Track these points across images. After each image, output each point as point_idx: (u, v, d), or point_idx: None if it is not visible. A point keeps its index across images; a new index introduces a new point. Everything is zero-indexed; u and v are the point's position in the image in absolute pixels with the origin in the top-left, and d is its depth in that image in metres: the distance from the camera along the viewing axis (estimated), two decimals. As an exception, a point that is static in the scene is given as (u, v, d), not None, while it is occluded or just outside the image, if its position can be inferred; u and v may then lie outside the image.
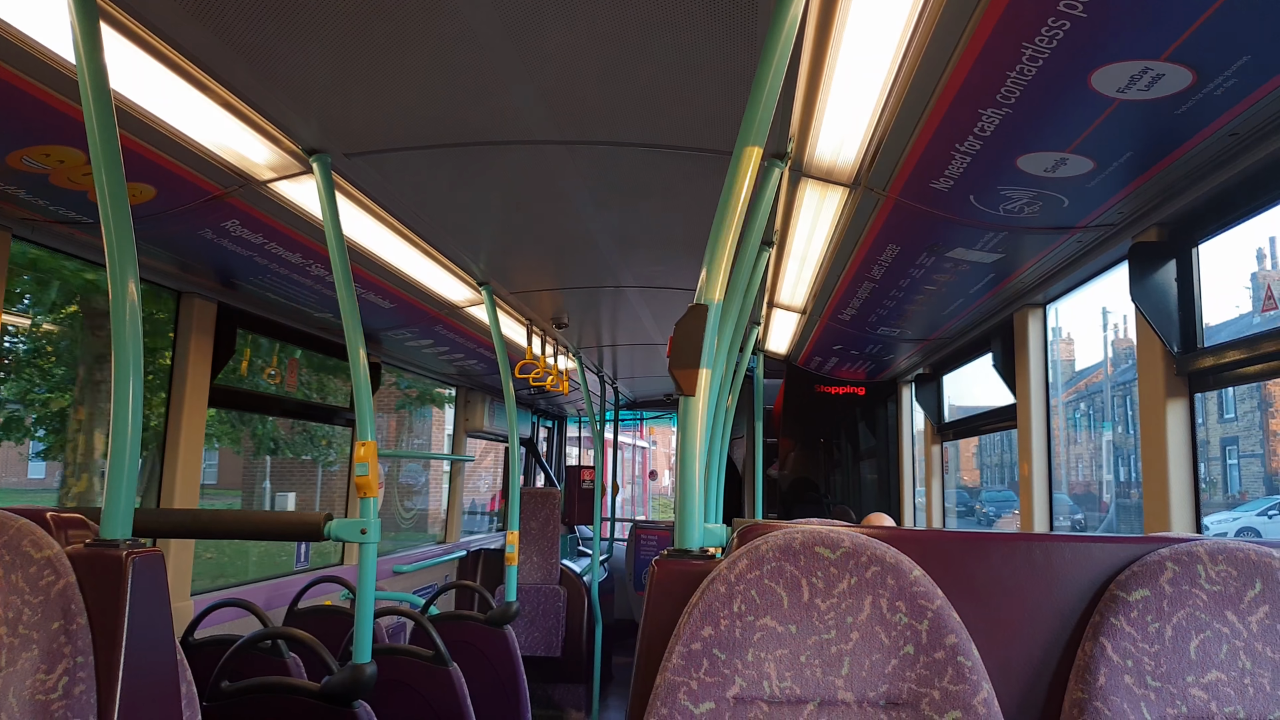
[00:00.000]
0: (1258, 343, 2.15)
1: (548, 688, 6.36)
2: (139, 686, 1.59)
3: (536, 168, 2.57)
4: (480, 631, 3.92)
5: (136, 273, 1.70)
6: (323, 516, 2.35)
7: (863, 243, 2.92)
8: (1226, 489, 18.39)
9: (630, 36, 1.83)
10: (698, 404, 1.59)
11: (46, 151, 2.17)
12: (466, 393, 6.66)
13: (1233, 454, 18.36)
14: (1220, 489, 18.50)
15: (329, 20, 1.76)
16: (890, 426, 5.88)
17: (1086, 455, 23.21)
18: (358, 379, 2.52)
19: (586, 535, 9.11)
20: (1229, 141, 1.91)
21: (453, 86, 2.07)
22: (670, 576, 1.49)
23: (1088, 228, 2.49)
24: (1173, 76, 1.64)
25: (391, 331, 4.48)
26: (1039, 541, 1.52)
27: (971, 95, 1.80)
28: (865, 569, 1.40)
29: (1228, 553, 1.42)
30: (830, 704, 1.37)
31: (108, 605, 1.58)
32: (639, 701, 1.41)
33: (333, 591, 4.31)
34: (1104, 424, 21.81)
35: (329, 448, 12.13)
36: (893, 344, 4.49)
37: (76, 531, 1.70)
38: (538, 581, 6.42)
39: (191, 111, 2.10)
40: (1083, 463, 23.36)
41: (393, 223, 2.97)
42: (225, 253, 2.98)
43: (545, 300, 4.34)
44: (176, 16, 1.73)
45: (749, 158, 1.62)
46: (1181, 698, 1.38)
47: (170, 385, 3.48)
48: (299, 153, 2.36)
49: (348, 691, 2.37)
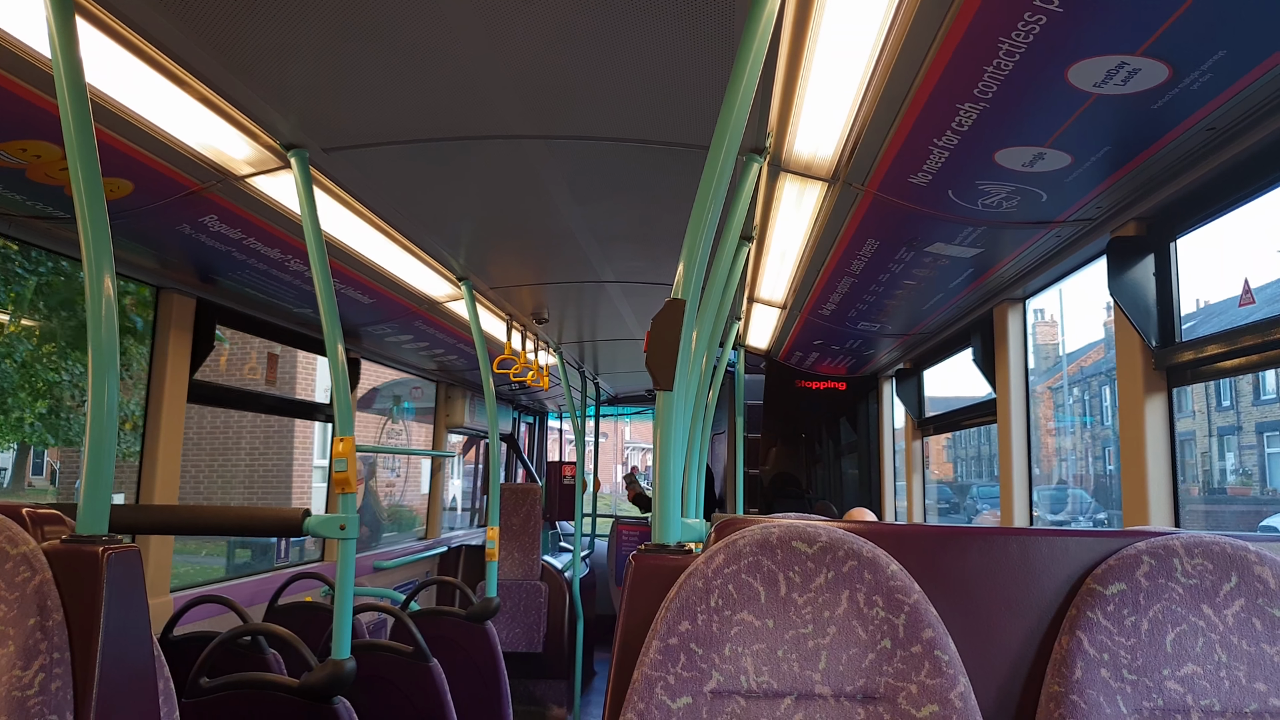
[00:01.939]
0: (1236, 336, 2.16)
1: (529, 683, 6.35)
2: (116, 682, 1.58)
3: (515, 163, 2.56)
4: (461, 627, 3.91)
5: (113, 268, 1.69)
6: (301, 512, 2.34)
7: (842, 237, 2.93)
8: (1266, 481, 16.16)
9: (607, 30, 1.83)
10: (675, 399, 1.59)
11: (23, 146, 2.15)
12: (447, 388, 6.63)
13: (1275, 441, 15.96)
14: (1259, 481, 16.26)
15: (306, 15, 1.75)
16: (871, 422, 5.90)
17: (1098, 444, 21.80)
18: (336, 374, 2.50)
19: (568, 531, 9.10)
20: (1206, 136, 1.93)
21: (430, 81, 2.06)
22: (648, 571, 1.49)
23: (1066, 222, 2.50)
24: (1149, 71, 1.65)
25: (371, 327, 4.45)
26: (1015, 536, 1.53)
27: (949, 90, 1.80)
28: (842, 563, 1.40)
29: (1204, 547, 1.44)
30: (807, 698, 1.37)
31: (84, 601, 1.58)
32: (617, 696, 1.41)
33: (313, 588, 4.29)
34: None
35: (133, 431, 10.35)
36: (873, 339, 4.50)
37: (53, 528, 1.69)
38: (519, 577, 6.41)
39: (168, 106, 2.08)
40: (1092, 452, 22.16)
41: (371, 218, 2.95)
42: (203, 248, 2.95)
43: (525, 295, 4.32)
44: (152, 10, 1.71)
45: (727, 152, 1.62)
46: (1158, 690, 1.39)
47: (149, 381, 3.45)
48: (277, 148, 2.35)
49: (327, 687, 2.36)
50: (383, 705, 3.13)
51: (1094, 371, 22.64)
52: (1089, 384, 23.00)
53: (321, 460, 14.48)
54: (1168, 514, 2.44)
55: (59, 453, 15.17)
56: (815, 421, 6.55)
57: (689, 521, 1.83)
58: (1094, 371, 22.64)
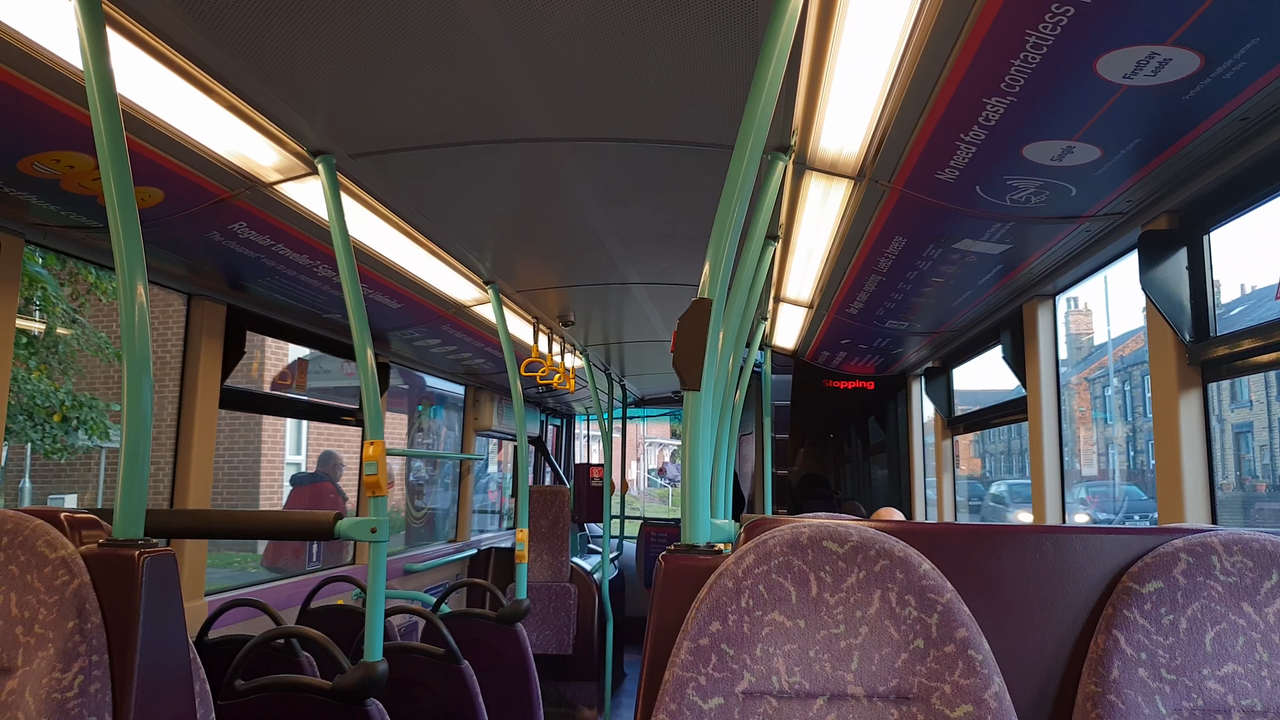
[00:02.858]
0: (1272, 330, 2.13)
1: (559, 685, 6.36)
2: (153, 684, 1.60)
3: (540, 166, 2.57)
4: (491, 629, 3.92)
5: (145, 276, 1.71)
6: (333, 516, 2.36)
7: (869, 235, 2.91)
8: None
9: (630, 31, 1.83)
10: (703, 399, 1.59)
11: (56, 157, 2.18)
12: (475, 392, 6.66)
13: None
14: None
15: (332, 22, 1.77)
16: (900, 421, 5.86)
17: (1141, 436, 21.20)
18: (366, 379, 2.52)
19: (596, 533, 9.11)
20: (1239, 126, 1.89)
21: (454, 86, 2.07)
22: (678, 572, 1.49)
23: (1096, 216, 2.47)
24: (1180, 61, 1.62)
25: (399, 331, 4.48)
26: (1049, 534, 1.51)
27: (975, 84, 1.79)
28: (874, 563, 1.39)
29: (1243, 543, 1.41)
30: (840, 699, 1.36)
31: (122, 604, 1.60)
32: (648, 697, 1.41)
33: (345, 591, 4.33)
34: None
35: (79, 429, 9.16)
36: (901, 337, 4.47)
37: (90, 532, 1.72)
38: (548, 579, 6.43)
39: (197, 115, 2.11)
40: (1134, 447, 21.55)
41: (398, 223, 2.97)
42: (233, 255, 2.98)
43: (551, 298, 4.34)
44: (181, 21, 1.74)
45: (752, 151, 1.62)
46: (1197, 690, 1.37)
47: (181, 387, 3.49)
48: (304, 154, 2.37)
49: (359, 690, 2.37)
50: (414, 707, 3.14)
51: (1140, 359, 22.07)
52: (1129, 372, 22.46)
53: (295, 456, 13.87)
54: (1204, 511, 2.41)
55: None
56: (843, 421, 6.51)
57: (718, 522, 1.82)
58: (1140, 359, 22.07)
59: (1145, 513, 18.08)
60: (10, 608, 1.60)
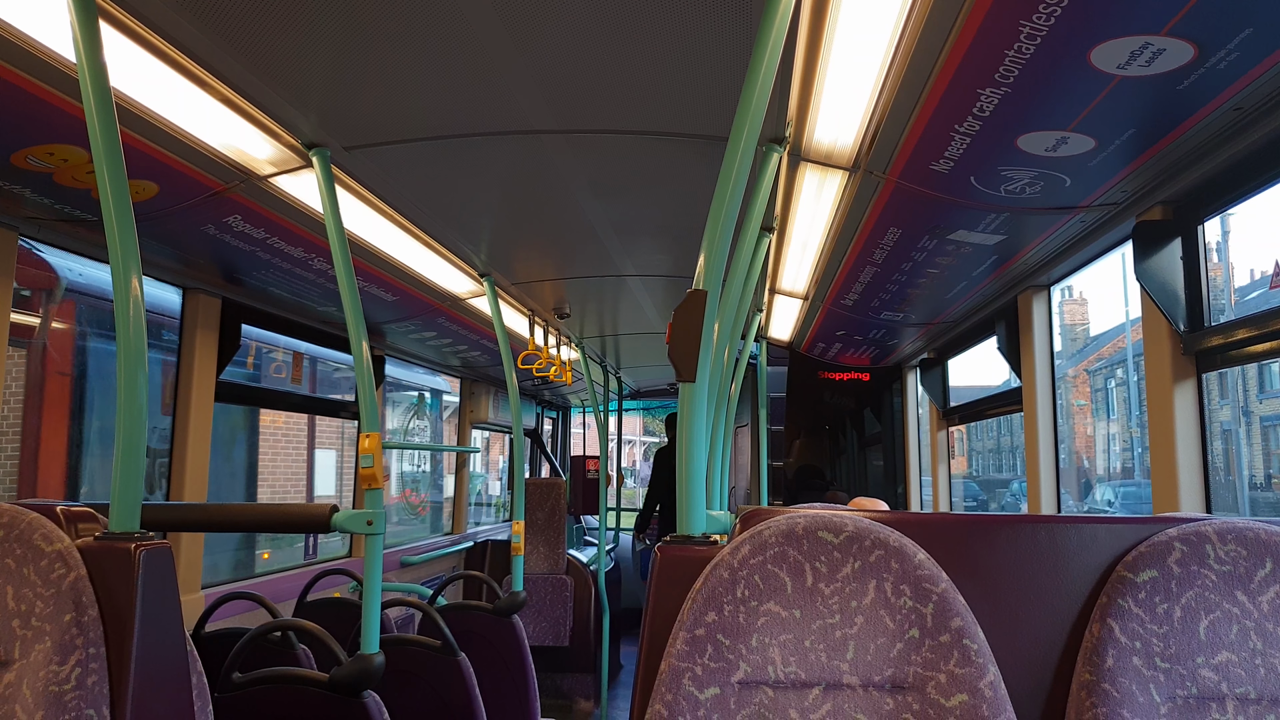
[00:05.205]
0: (1267, 320, 2.14)
1: (556, 677, 6.38)
2: (151, 677, 1.60)
3: (535, 158, 2.57)
4: (488, 621, 3.93)
5: (140, 269, 1.71)
6: (329, 508, 2.36)
7: (864, 227, 2.91)
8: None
9: (624, 22, 1.82)
10: (698, 391, 1.59)
11: (50, 150, 2.17)
12: (470, 384, 6.66)
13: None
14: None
15: (325, 14, 1.76)
16: (896, 412, 5.87)
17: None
18: (361, 371, 2.52)
19: (592, 525, 9.13)
20: (1233, 116, 1.90)
21: (449, 78, 2.06)
22: (673, 563, 1.49)
23: (1090, 207, 2.48)
24: (1174, 51, 1.62)
25: (394, 324, 4.48)
26: (1044, 523, 1.52)
27: (969, 75, 1.79)
28: (869, 553, 1.40)
29: (1237, 532, 1.42)
30: (835, 688, 1.37)
31: (118, 597, 1.60)
32: (645, 687, 1.41)
33: (342, 583, 4.33)
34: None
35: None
36: (896, 329, 4.48)
37: (86, 525, 1.72)
38: (544, 571, 6.44)
39: (191, 108, 2.10)
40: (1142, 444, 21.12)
41: (393, 215, 2.97)
42: (228, 248, 2.98)
43: (547, 290, 4.33)
44: (174, 14, 1.73)
45: (746, 143, 1.61)
46: (1191, 679, 1.38)
47: (177, 381, 3.49)
48: (299, 147, 2.36)
49: (356, 682, 2.38)
50: (412, 699, 3.15)
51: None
52: (1137, 363, 22.15)
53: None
54: (1199, 500, 2.42)
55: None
56: (839, 413, 6.53)
57: (714, 513, 1.83)
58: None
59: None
60: (7, 601, 1.60)
